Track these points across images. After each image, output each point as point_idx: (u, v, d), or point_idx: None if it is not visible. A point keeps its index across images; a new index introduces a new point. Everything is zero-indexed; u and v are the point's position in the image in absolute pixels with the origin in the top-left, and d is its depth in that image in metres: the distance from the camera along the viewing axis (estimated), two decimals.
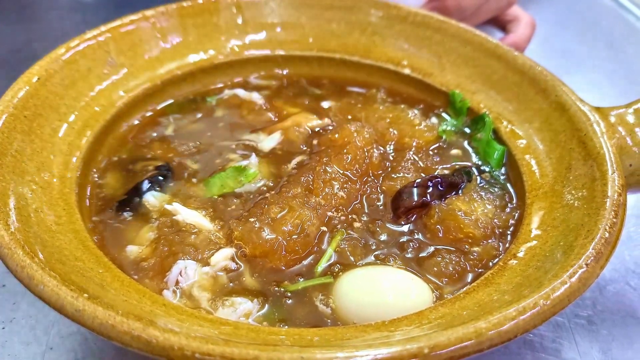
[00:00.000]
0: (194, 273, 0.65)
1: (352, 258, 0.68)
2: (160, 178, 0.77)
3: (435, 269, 0.67)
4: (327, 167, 0.75)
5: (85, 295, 0.50)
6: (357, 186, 0.76)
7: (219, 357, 0.46)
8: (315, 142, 0.85)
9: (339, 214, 0.73)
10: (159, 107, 0.90)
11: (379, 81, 0.96)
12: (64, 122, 0.75)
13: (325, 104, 0.94)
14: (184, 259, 0.66)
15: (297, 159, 0.82)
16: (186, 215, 0.71)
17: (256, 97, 0.93)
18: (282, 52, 0.97)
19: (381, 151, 0.82)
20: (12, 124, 0.67)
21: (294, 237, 0.67)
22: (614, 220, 0.61)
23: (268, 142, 0.85)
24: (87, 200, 0.73)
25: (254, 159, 0.81)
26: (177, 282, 0.64)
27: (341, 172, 0.76)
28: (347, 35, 0.98)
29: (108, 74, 0.83)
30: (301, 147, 0.84)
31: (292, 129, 0.86)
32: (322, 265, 0.67)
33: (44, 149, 0.70)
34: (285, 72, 0.98)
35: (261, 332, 0.54)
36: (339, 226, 0.72)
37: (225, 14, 0.95)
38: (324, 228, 0.71)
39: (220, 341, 0.47)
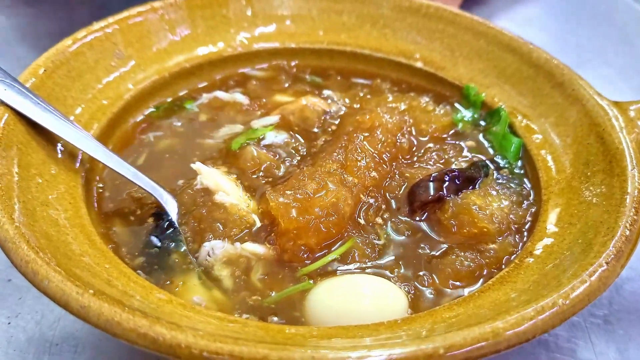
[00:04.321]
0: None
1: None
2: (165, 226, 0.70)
3: (449, 270, 0.65)
4: (359, 147, 0.74)
5: (91, 291, 0.49)
6: (387, 168, 0.75)
7: (228, 356, 0.45)
8: (334, 122, 0.85)
9: (369, 197, 0.72)
10: (145, 113, 0.86)
11: (390, 75, 0.94)
12: (70, 115, 0.74)
13: (327, 92, 0.91)
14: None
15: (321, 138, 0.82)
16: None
17: (240, 98, 0.89)
18: (292, 45, 0.95)
19: (406, 138, 0.81)
20: (17, 115, 0.66)
21: (330, 218, 0.66)
22: (635, 217, 0.60)
23: (266, 120, 0.84)
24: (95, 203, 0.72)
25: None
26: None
27: (373, 151, 0.75)
28: (358, 28, 0.96)
29: (116, 66, 0.82)
30: (316, 126, 0.84)
31: (307, 107, 0.84)
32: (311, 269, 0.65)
33: (49, 142, 0.69)
34: (293, 63, 0.96)
35: (270, 329, 0.53)
36: (371, 210, 0.71)
37: (235, 6, 0.94)
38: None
39: (228, 339, 0.46)
